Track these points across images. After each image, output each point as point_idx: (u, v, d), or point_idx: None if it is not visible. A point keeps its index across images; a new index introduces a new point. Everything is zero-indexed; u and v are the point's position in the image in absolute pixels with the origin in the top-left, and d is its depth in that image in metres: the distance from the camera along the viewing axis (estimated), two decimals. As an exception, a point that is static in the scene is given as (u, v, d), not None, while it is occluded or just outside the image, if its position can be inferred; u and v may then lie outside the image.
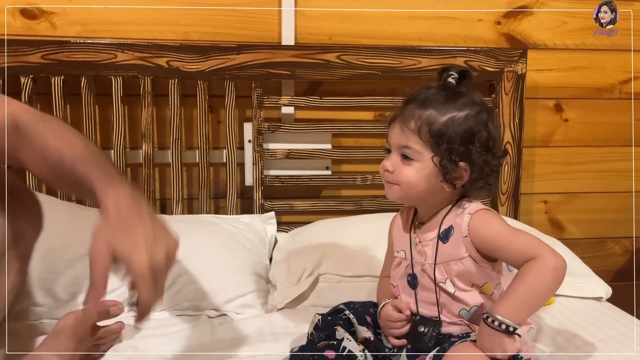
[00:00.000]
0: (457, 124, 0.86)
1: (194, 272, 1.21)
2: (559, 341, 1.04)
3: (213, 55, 1.47)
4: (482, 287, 0.88)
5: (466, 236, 0.87)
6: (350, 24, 1.59)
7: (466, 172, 0.87)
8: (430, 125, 0.86)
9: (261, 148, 1.54)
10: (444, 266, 0.89)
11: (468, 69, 0.92)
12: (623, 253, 1.82)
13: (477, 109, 0.88)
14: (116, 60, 1.44)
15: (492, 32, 1.65)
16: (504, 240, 0.85)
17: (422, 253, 0.91)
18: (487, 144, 0.87)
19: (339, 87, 1.60)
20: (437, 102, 0.87)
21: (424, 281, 0.91)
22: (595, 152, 1.76)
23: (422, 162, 0.87)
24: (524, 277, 0.81)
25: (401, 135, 0.88)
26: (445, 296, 0.89)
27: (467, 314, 0.89)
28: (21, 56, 1.40)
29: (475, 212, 0.87)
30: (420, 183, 0.88)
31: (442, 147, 0.85)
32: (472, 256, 0.87)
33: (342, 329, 0.90)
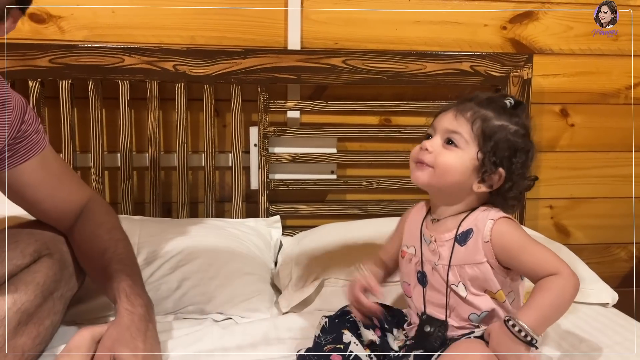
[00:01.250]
0: (508, 133, 0.88)
1: (199, 276, 1.21)
2: (564, 347, 1.03)
3: (219, 59, 1.48)
4: (495, 294, 0.88)
5: (487, 242, 0.86)
6: (356, 29, 1.59)
7: (500, 179, 0.88)
8: (485, 122, 0.88)
9: (267, 152, 1.54)
10: (458, 269, 0.88)
11: (523, 102, 0.96)
12: (629, 259, 1.81)
13: (526, 132, 0.90)
14: (123, 64, 1.45)
15: (497, 37, 1.65)
16: (526, 253, 0.85)
17: (436, 253, 0.90)
18: (525, 164, 0.90)
19: (345, 92, 1.60)
20: (496, 107, 0.90)
21: (433, 281, 0.91)
22: (601, 157, 1.75)
23: (466, 153, 0.88)
24: (549, 292, 0.82)
25: (453, 121, 0.89)
26: (455, 299, 0.89)
27: (477, 318, 0.88)
28: (29, 60, 1.41)
29: (499, 219, 0.87)
30: (457, 172, 0.88)
31: (488, 145, 0.87)
32: (490, 262, 0.86)
33: (349, 332, 0.90)
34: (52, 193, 1.03)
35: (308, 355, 0.89)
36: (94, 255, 1.01)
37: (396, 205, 1.62)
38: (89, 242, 1.01)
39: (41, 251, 0.98)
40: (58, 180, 1.04)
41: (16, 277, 0.93)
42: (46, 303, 0.96)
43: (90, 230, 1.03)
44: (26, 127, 0.98)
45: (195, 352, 1.00)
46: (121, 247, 1.02)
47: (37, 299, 0.94)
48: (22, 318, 0.90)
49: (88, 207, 1.06)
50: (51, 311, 0.97)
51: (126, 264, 0.99)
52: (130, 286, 0.94)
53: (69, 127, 1.46)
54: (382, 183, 1.62)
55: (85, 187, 1.11)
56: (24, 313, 0.91)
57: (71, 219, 1.05)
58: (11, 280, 0.92)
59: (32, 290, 0.93)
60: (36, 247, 0.98)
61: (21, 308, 0.90)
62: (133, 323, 0.89)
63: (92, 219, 1.04)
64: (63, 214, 1.05)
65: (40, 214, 1.05)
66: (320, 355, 0.87)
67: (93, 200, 1.08)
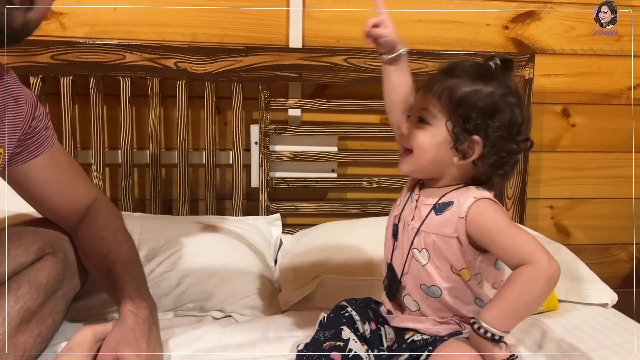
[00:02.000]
0: (479, 96, 0.83)
1: (198, 273, 1.21)
2: (564, 347, 1.03)
3: (221, 57, 1.48)
4: (459, 271, 0.86)
5: (462, 217, 0.83)
6: (358, 27, 1.56)
7: (478, 146, 0.83)
8: (452, 92, 0.84)
9: (267, 150, 1.54)
10: (425, 235, 0.86)
11: (511, 59, 0.89)
12: (629, 259, 1.81)
13: (505, 90, 0.85)
14: (124, 61, 1.45)
15: (499, 36, 1.65)
16: (501, 236, 0.81)
17: (412, 211, 0.89)
18: (508, 126, 0.84)
19: (346, 90, 1.60)
20: (468, 74, 0.86)
21: (402, 239, 0.90)
22: (603, 157, 1.75)
23: (436, 127, 0.85)
24: (515, 284, 0.78)
25: (422, 99, 0.87)
26: (415, 264, 0.87)
27: (426, 289, 0.87)
28: (31, 56, 1.41)
29: (481, 198, 0.84)
30: (431, 149, 0.85)
31: (457, 113, 0.83)
32: (460, 239, 0.84)
33: (348, 329, 0.90)
34: (59, 190, 1.03)
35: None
36: (97, 256, 1.01)
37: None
38: (93, 243, 1.02)
39: (45, 249, 0.98)
40: (66, 177, 1.04)
41: (19, 275, 0.93)
42: (49, 302, 0.96)
43: (94, 232, 1.03)
44: (36, 123, 0.98)
45: (194, 351, 0.99)
46: (125, 248, 1.02)
47: (39, 297, 0.94)
48: (24, 316, 0.90)
49: (93, 208, 1.06)
50: (53, 310, 0.97)
51: (130, 265, 0.99)
52: (135, 289, 0.94)
53: (70, 124, 1.47)
54: (382, 182, 1.62)
55: (93, 187, 1.12)
56: (27, 311, 0.91)
57: (77, 217, 1.05)
58: (14, 278, 0.92)
59: (35, 288, 0.93)
60: (40, 245, 0.98)
61: (24, 306, 0.90)
62: (137, 325, 0.89)
63: (97, 220, 1.04)
64: (69, 212, 1.05)
65: (47, 211, 1.05)
66: (320, 353, 0.87)
67: (99, 201, 1.08)
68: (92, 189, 1.10)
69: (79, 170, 1.10)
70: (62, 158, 1.04)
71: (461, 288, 0.86)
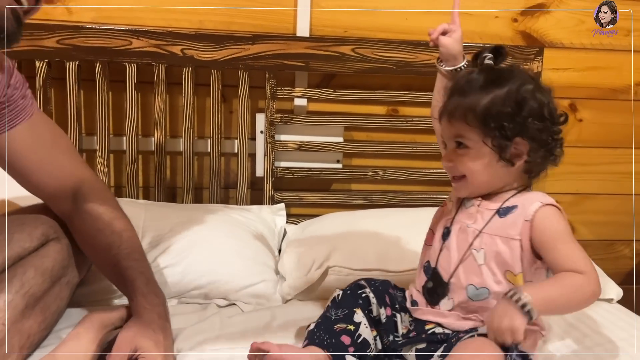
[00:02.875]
0: (500, 100, 0.85)
1: (203, 261, 1.21)
2: (567, 342, 1.03)
3: (228, 44, 1.47)
4: (515, 277, 0.86)
5: (528, 220, 0.84)
6: (366, 17, 1.58)
7: (525, 146, 0.85)
8: (474, 110, 0.85)
9: (273, 139, 1.54)
10: (487, 237, 0.87)
11: (502, 46, 0.91)
12: (633, 256, 1.81)
13: (519, 82, 0.86)
14: (131, 46, 1.44)
15: (508, 29, 1.64)
16: (562, 244, 0.83)
17: (473, 216, 0.90)
18: (540, 112, 0.85)
19: (353, 81, 1.59)
20: (477, 85, 0.86)
21: (455, 241, 0.91)
22: (609, 153, 1.74)
23: (477, 148, 0.86)
24: (564, 283, 0.80)
25: (450, 127, 0.89)
26: (469, 263, 0.88)
27: (473, 291, 0.87)
28: (37, 40, 1.41)
29: (548, 204, 0.86)
30: (483, 170, 0.87)
31: (491, 127, 0.84)
32: (522, 243, 0.85)
33: (361, 311, 0.90)
34: (41, 165, 0.98)
35: (318, 333, 0.89)
36: (98, 249, 0.99)
37: (401, 196, 1.61)
38: (91, 236, 0.99)
39: (49, 235, 0.97)
40: (48, 151, 0.99)
41: (25, 260, 0.92)
42: (53, 288, 0.96)
43: (90, 224, 0.99)
44: (12, 91, 0.94)
45: (198, 338, 0.99)
46: (125, 239, 0.98)
47: (45, 283, 0.93)
48: (29, 302, 0.90)
49: (83, 194, 1.00)
50: (58, 297, 0.97)
51: (135, 259, 0.97)
52: (145, 284, 0.93)
53: (75, 109, 1.46)
54: (387, 174, 1.61)
55: (81, 165, 1.05)
56: (32, 297, 0.90)
57: (66, 198, 1.01)
58: (20, 263, 0.92)
59: (40, 274, 0.93)
60: (43, 230, 0.97)
61: (29, 291, 0.90)
62: (153, 321, 0.89)
63: (90, 210, 0.99)
64: (56, 190, 1.00)
65: (32, 188, 1.00)
66: (330, 335, 0.87)
67: (89, 185, 1.02)
68: (80, 167, 1.04)
69: (67, 146, 1.05)
70: (44, 130, 0.99)
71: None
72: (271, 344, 0.84)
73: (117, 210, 1.02)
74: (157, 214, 1.32)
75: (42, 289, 0.93)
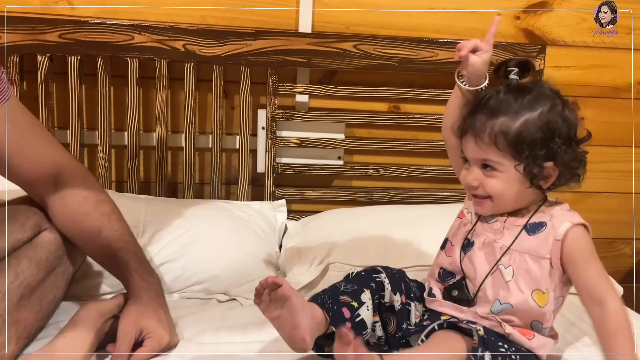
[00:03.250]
0: (532, 125, 0.83)
1: (204, 256, 1.22)
2: (568, 339, 1.04)
3: (229, 40, 1.47)
4: (543, 295, 0.87)
5: (559, 240, 0.85)
6: (368, 14, 1.57)
7: (554, 170, 0.86)
8: (506, 135, 0.84)
9: (274, 135, 1.54)
10: (517, 255, 0.87)
11: (527, 60, 0.90)
12: (634, 254, 1.81)
13: (549, 103, 0.85)
14: (133, 41, 1.44)
15: (511, 26, 1.63)
16: (590, 265, 0.86)
17: (500, 232, 0.90)
18: (568, 135, 0.85)
19: (354, 77, 1.59)
20: (506, 106, 0.85)
21: (479, 254, 0.90)
22: (610, 152, 1.74)
23: (506, 172, 0.85)
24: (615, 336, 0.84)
25: (477, 149, 0.86)
26: (497, 280, 0.88)
27: (498, 306, 0.88)
28: (39, 34, 1.40)
29: (578, 224, 0.87)
30: (510, 193, 0.86)
31: (523, 155, 0.84)
32: (552, 261, 0.86)
33: (369, 293, 0.89)
34: (19, 148, 0.95)
35: (323, 296, 0.89)
36: (87, 234, 0.98)
37: (402, 193, 1.61)
38: (79, 222, 0.97)
39: (41, 225, 0.97)
40: (23, 135, 0.96)
41: (19, 251, 0.93)
42: (48, 278, 0.96)
43: (75, 208, 0.97)
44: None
45: (199, 333, 1.00)
46: (114, 221, 0.99)
47: (39, 273, 0.93)
48: (24, 292, 0.90)
49: (64, 179, 0.98)
50: (54, 286, 0.97)
51: (126, 240, 0.98)
52: (139, 264, 0.95)
53: (77, 104, 1.46)
54: (388, 170, 1.61)
55: (60, 151, 1.02)
56: (27, 287, 0.91)
57: (45, 185, 0.98)
58: (14, 254, 0.92)
59: (35, 264, 0.93)
60: (36, 221, 0.96)
61: (24, 282, 0.90)
62: (152, 299, 0.90)
63: (73, 194, 0.97)
64: (34, 177, 0.97)
65: (11, 174, 0.97)
66: (333, 301, 0.87)
67: (69, 170, 1.00)
68: (59, 152, 1.01)
69: (44, 132, 1.02)
70: (20, 116, 0.96)
71: (530, 310, 0.87)
72: (285, 281, 0.84)
73: (102, 193, 1.02)
74: (158, 209, 1.32)
75: (37, 279, 0.93)
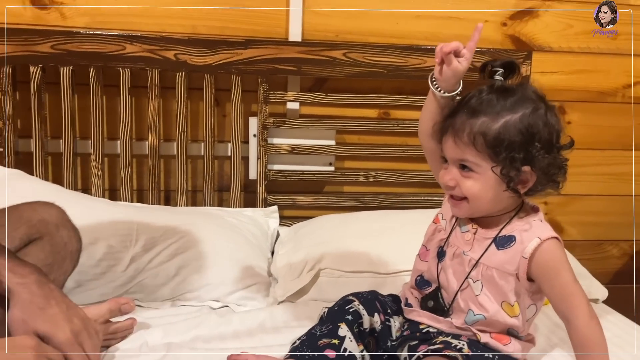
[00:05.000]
0: (512, 128, 0.81)
1: (196, 264, 1.23)
2: (554, 341, 1.06)
3: (220, 49, 1.48)
4: (512, 307, 0.88)
5: (526, 258, 0.84)
6: (358, 22, 1.60)
7: (531, 175, 0.83)
8: (485, 135, 0.81)
9: (266, 142, 1.55)
10: (484, 269, 0.88)
11: (513, 60, 0.87)
12: (621, 256, 1.84)
13: (532, 106, 0.82)
14: (124, 51, 1.45)
15: (498, 33, 1.66)
16: (559, 278, 0.85)
17: (470, 243, 0.89)
18: (549, 140, 0.83)
19: (344, 84, 1.61)
20: (488, 106, 0.82)
21: (450, 264, 0.91)
22: (597, 155, 1.77)
23: (483, 174, 0.84)
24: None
25: (455, 148, 0.84)
26: (468, 293, 0.89)
27: (472, 316, 0.89)
28: (31, 45, 1.42)
29: (547, 239, 0.85)
30: (486, 195, 0.85)
31: (501, 157, 0.81)
32: (519, 276, 0.86)
33: (345, 326, 0.89)
34: None
35: (301, 349, 0.88)
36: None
37: (393, 198, 1.63)
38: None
39: (31, 235, 0.96)
40: None
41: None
42: None
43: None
44: None
45: (192, 339, 1.01)
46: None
47: None
48: None
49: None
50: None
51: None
52: (8, 259, 0.83)
53: (70, 114, 1.47)
54: (379, 176, 1.63)
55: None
56: None
57: None
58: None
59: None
60: (25, 230, 0.95)
61: None
62: (33, 294, 0.79)
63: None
64: None
65: None
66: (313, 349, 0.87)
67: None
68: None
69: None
70: None
71: (503, 320, 0.88)
72: (248, 355, 0.84)
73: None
74: (151, 217, 1.33)
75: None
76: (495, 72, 0.86)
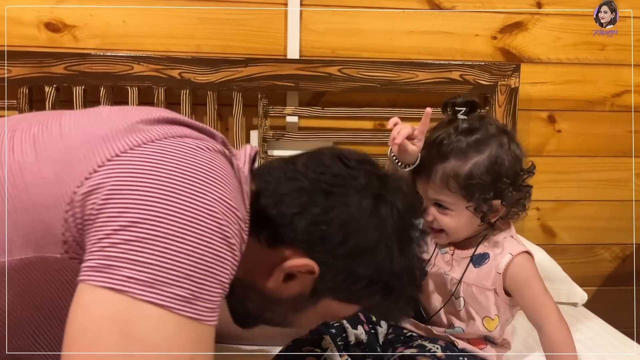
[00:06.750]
0: (482, 168, 0.89)
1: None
2: (530, 342, 1.12)
3: (222, 67, 1.57)
4: (492, 321, 0.95)
5: (500, 273, 0.92)
6: (353, 38, 1.68)
7: (501, 207, 0.92)
8: (456, 178, 0.89)
9: (266, 155, 1.64)
10: (465, 286, 0.95)
11: (473, 100, 0.94)
12: (612, 259, 1.89)
13: (496, 142, 0.90)
14: (132, 71, 1.55)
15: (488, 46, 1.73)
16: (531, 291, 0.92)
17: (450, 264, 0.97)
18: (514, 169, 0.91)
19: (341, 98, 1.69)
20: (455, 149, 0.90)
21: (433, 282, 0.98)
22: (587, 162, 1.82)
23: (459, 211, 0.92)
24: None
25: (430, 190, 0.92)
26: (450, 308, 0.97)
27: (451, 329, 0.97)
28: (46, 67, 1.52)
29: (518, 254, 0.92)
30: (463, 228, 0.94)
31: (473, 197, 0.89)
32: (497, 291, 0.94)
33: (329, 339, 0.94)
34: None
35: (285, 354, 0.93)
36: None
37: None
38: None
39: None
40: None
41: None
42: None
43: None
44: None
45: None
46: None
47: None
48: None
49: None
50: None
51: None
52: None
53: (82, 130, 1.57)
54: (375, 185, 1.70)
55: None
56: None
57: None
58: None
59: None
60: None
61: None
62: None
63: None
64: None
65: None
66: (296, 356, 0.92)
67: None
68: None
69: None
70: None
71: (480, 333, 0.96)
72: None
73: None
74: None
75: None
76: (458, 111, 0.93)
